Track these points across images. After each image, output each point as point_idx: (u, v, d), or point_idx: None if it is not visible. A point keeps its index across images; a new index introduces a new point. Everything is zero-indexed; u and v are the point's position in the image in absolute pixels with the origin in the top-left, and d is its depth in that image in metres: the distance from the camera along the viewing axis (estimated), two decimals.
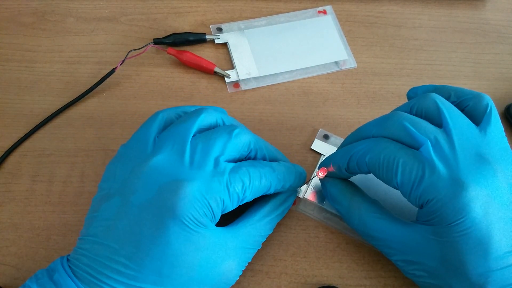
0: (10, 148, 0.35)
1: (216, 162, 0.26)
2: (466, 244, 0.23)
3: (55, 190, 0.34)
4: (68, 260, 0.25)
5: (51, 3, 0.44)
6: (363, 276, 0.31)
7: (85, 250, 0.24)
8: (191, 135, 0.26)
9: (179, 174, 0.25)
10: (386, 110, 0.39)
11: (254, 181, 0.27)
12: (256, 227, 0.28)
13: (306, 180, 0.32)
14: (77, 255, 0.25)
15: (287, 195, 0.31)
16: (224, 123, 0.29)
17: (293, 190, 0.32)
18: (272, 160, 0.30)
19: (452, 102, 0.27)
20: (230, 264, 0.26)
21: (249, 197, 0.27)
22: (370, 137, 0.28)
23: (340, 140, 0.37)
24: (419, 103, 0.27)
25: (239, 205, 0.27)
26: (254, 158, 0.29)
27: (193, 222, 0.24)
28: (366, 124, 0.29)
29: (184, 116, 0.28)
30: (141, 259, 0.23)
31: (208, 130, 0.28)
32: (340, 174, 0.30)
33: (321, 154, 0.36)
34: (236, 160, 0.28)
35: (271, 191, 0.28)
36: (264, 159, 0.30)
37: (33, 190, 0.34)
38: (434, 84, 0.30)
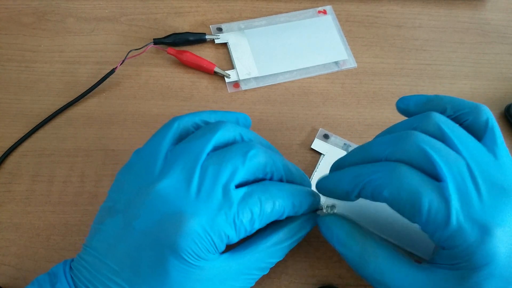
0: (10, 148, 0.35)
1: (225, 191, 0.24)
2: (491, 285, 0.22)
3: (55, 190, 0.34)
4: (70, 268, 0.25)
5: (51, 3, 0.44)
6: None
7: (87, 263, 0.24)
8: (204, 156, 0.25)
9: (183, 205, 0.23)
10: (386, 110, 0.39)
11: (265, 210, 0.25)
12: (266, 254, 0.26)
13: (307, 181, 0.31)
14: (79, 266, 0.24)
15: (304, 221, 0.28)
16: (242, 139, 0.27)
17: (309, 216, 0.29)
18: (289, 181, 0.28)
19: (448, 117, 0.26)
20: None
21: (258, 227, 0.25)
22: (382, 160, 0.25)
23: (340, 140, 0.37)
24: (420, 126, 0.25)
25: None
26: (271, 179, 0.27)
27: (194, 257, 0.23)
28: (375, 142, 0.27)
29: (200, 131, 0.27)
30: (140, 286, 0.23)
31: (225, 147, 0.26)
32: (344, 198, 0.27)
33: (321, 154, 0.36)
34: (250, 182, 0.26)
35: (283, 217, 0.26)
36: (281, 180, 0.28)
37: (33, 190, 0.34)
38: (434, 83, 0.29)
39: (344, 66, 0.41)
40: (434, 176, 0.23)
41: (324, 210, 0.28)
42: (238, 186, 0.25)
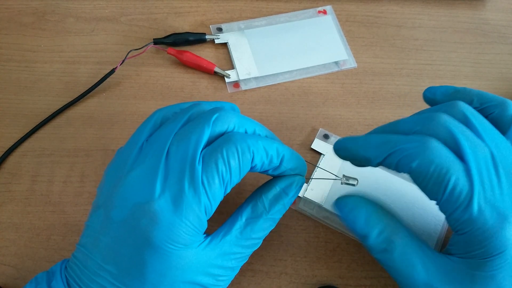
0: (10, 148, 0.35)
1: (191, 165, 0.23)
2: (504, 274, 0.22)
3: (55, 190, 0.34)
4: (66, 267, 0.25)
5: (51, 3, 0.44)
6: (363, 276, 0.31)
7: (78, 260, 0.24)
8: (171, 139, 0.24)
9: (152, 193, 0.23)
10: (386, 110, 0.39)
11: (231, 160, 0.23)
12: (247, 230, 0.25)
13: (306, 179, 0.31)
14: (72, 264, 0.24)
15: (285, 185, 0.27)
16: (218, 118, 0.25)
17: (292, 180, 0.27)
18: None
19: (474, 108, 0.26)
20: (218, 273, 0.25)
21: (235, 180, 0.24)
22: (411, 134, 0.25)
23: None
24: (446, 112, 0.25)
25: None
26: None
27: (172, 245, 0.23)
28: (402, 120, 0.26)
29: (172, 117, 0.26)
30: (123, 278, 0.23)
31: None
32: (363, 162, 0.26)
33: (321, 154, 0.36)
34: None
35: (260, 167, 0.25)
36: None
37: (33, 190, 0.34)
38: (434, 83, 0.29)
39: (344, 66, 0.41)
40: (458, 156, 0.23)
41: (344, 180, 0.27)
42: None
